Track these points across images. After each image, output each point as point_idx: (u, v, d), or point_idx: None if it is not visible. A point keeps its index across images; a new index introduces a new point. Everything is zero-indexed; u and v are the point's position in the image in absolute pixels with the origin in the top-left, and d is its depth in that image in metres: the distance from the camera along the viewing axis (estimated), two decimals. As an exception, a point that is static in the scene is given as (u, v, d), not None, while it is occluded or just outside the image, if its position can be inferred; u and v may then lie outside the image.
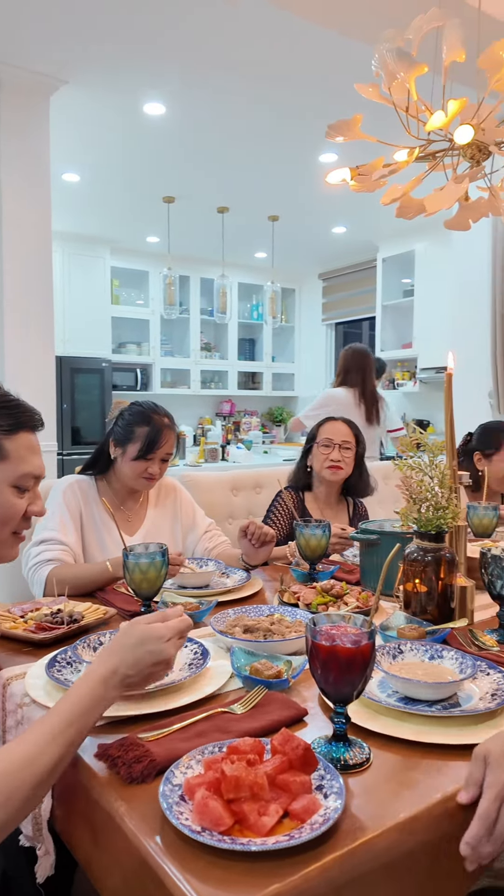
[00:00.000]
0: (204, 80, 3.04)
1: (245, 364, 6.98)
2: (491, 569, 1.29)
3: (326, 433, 2.19)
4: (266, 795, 0.74)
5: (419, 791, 0.79)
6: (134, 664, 0.87)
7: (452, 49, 1.40)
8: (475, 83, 1.60)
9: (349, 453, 2.17)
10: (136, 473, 1.76)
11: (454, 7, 1.95)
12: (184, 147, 3.86)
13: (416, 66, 1.40)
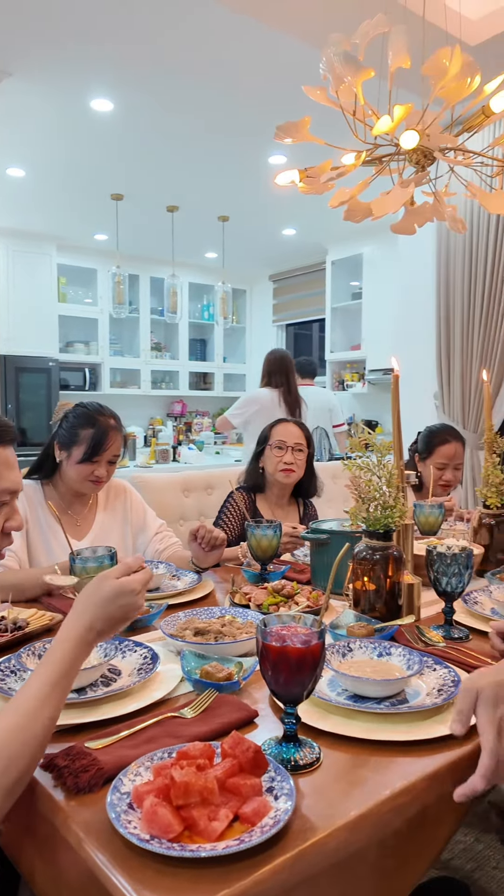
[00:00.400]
0: (152, 77, 3.01)
1: (196, 364, 6.95)
2: (436, 566, 1.32)
3: (279, 435, 2.19)
4: (216, 800, 0.73)
5: (368, 789, 0.79)
6: (108, 619, 0.90)
7: (398, 55, 1.42)
8: (420, 90, 1.64)
9: (301, 455, 2.19)
10: (83, 477, 1.72)
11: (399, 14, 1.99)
12: (132, 144, 3.81)
13: (362, 70, 1.42)
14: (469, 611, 1.43)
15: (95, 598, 0.91)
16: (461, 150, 1.60)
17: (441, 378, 3.63)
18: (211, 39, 2.67)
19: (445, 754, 0.87)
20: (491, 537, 1.78)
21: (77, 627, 0.88)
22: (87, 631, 0.88)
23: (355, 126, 1.57)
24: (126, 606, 0.92)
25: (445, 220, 1.67)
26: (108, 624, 0.91)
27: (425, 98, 1.57)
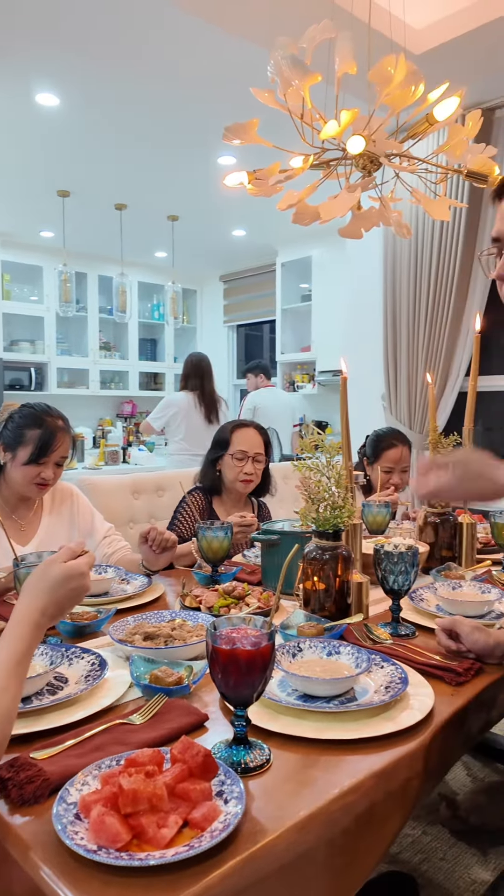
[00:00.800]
0: (99, 74, 2.96)
1: (146, 364, 6.87)
2: (384, 564, 1.34)
3: (240, 444, 2.15)
4: (165, 806, 0.73)
5: (317, 788, 0.80)
6: (58, 602, 0.92)
7: (344, 61, 1.44)
8: (367, 95, 1.66)
9: (261, 465, 2.18)
10: (28, 479, 1.68)
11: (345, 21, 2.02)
12: (79, 140, 3.74)
13: (309, 74, 1.43)
14: (415, 608, 1.45)
15: (45, 584, 0.92)
16: (406, 156, 1.64)
17: (388, 380, 3.69)
18: (159, 37, 2.65)
19: (393, 751, 0.89)
20: (436, 535, 1.83)
21: (31, 612, 0.89)
22: (41, 615, 0.89)
23: (303, 129, 1.58)
24: (76, 589, 0.94)
25: (391, 225, 1.70)
26: (58, 608, 0.93)
27: (371, 104, 1.59)
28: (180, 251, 5.92)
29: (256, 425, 2.24)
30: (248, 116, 1.73)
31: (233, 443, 2.17)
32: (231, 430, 2.20)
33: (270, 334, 6.81)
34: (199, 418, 4.16)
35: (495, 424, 3.94)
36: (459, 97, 1.55)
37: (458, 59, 2.70)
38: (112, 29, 2.60)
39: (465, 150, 1.69)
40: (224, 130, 1.59)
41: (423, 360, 3.47)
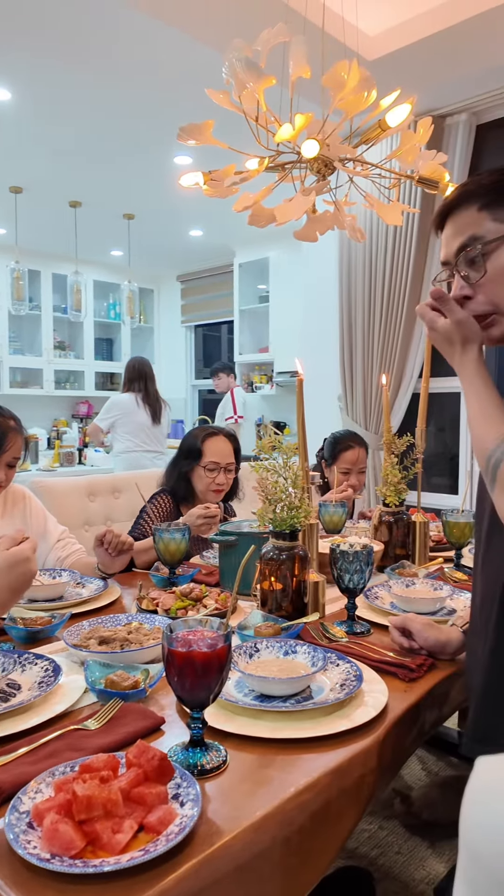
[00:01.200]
0: (53, 69, 2.91)
1: (103, 364, 6.78)
2: (339, 564, 1.36)
3: (212, 455, 2.12)
4: (120, 812, 0.72)
5: (273, 788, 0.80)
6: (8, 589, 0.96)
7: (298, 65, 1.46)
8: (321, 99, 1.68)
9: (232, 474, 2.16)
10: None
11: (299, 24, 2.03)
12: (31, 136, 3.67)
13: (264, 77, 1.44)
14: (371, 605, 1.48)
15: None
16: (359, 161, 1.66)
17: (344, 382, 3.74)
18: (113, 35, 2.62)
19: (348, 748, 0.90)
20: (390, 534, 1.86)
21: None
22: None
23: (258, 132, 1.59)
24: (23, 574, 0.97)
25: (345, 228, 1.72)
26: (8, 594, 0.95)
27: (326, 108, 1.61)
28: (137, 250, 5.87)
29: (226, 433, 2.20)
30: (205, 116, 1.73)
31: (204, 453, 2.12)
32: (202, 439, 2.15)
33: (228, 335, 6.81)
34: (145, 416, 4.42)
35: (447, 425, 4.04)
36: (411, 104, 1.58)
37: (410, 66, 2.76)
38: (65, 25, 2.56)
39: (417, 156, 1.72)
40: (179, 131, 1.58)
41: (378, 363, 3.52)
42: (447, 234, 1.05)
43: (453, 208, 1.04)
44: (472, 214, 1.00)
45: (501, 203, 0.99)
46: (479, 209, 1.00)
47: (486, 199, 1.00)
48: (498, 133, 3.25)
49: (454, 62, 2.76)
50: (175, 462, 2.20)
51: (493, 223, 0.98)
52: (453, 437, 3.82)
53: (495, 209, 0.99)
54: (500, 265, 0.97)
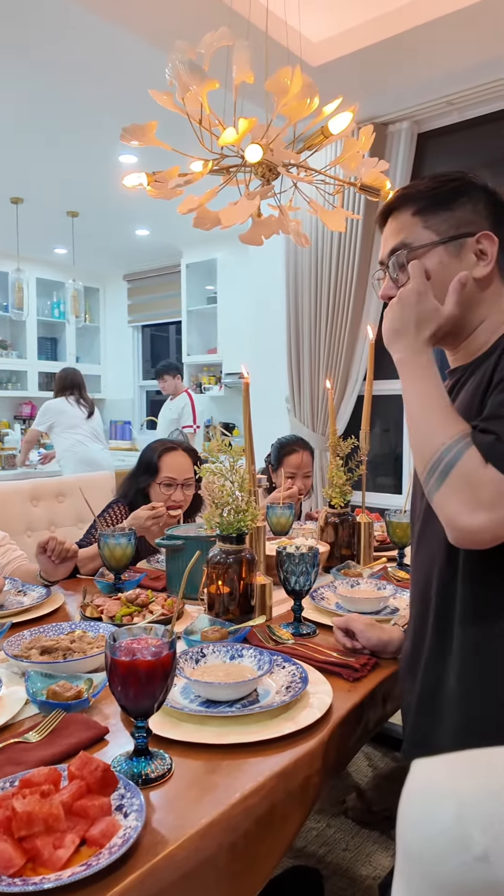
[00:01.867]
0: (-8, 60, 2.83)
1: (46, 364, 6.62)
2: (286, 566, 1.37)
3: (168, 470, 2.04)
4: (62, 826, 0.71)
5: (218, 794, 0.80)
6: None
7: (241, 70, 1.46)
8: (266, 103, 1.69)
9: (191, 490, 2.08)
10: None
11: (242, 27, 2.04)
12: (-29, 129, 3.56)
13: (207, 80, 1.44)
14: (317, 607, 1.49)
15: None
16: (303, 166, 1.68)
17: (292, 383, 3.77)
18: (56, 28, 2.56)
19: (293, 750, 0.91)
20: (336, 535, 1.88)
21: None
22: None
23: (201, 134, 1.58)
24: None
25: (290, 233, 1.74)
26: None
27: (270, 112, 1.62)
28: (81, 248, 5.76)
29: (185, 447, 2.13)
30: (150, 115, 1.71)
31: (161, 469, 2.06)
32: (159, 453, 2.08)
33: (177, 335, 6.76)
34: (80, 413, 4.64)
35: (392, 426, 4.12)
36: (353, 112, 1.61)
37: (354, 73, 2.80)
38: (4, 17, 2.49)
39: (360, 163, 1.75)
40: (122, 131, 1.56)
41: (324, 365, 3.56)
42: (385, 234, 1.08)
43: (392, 210, 1.07)
44: (407, 218, 1.04)
45: (433, 210, 1.02)
46: (413, 214, 1.04)
47: (421, 204, 1.03)
48: (438, 142, 3.34)
49: (396, 71, 2.82)
50: (133, 475, 2.13)
51: (424, 230, 1.02)
52: (398, 437, 3.90)
53: (427, 216, 1.02)
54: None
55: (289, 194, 1.82)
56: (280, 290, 3.80)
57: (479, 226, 1.01)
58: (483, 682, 0.92)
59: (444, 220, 1.01)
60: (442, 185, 1.03)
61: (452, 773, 0.41)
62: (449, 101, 3.06)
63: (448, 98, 3.04)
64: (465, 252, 1.01)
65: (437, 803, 0.40)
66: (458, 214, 1.01)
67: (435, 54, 2.68)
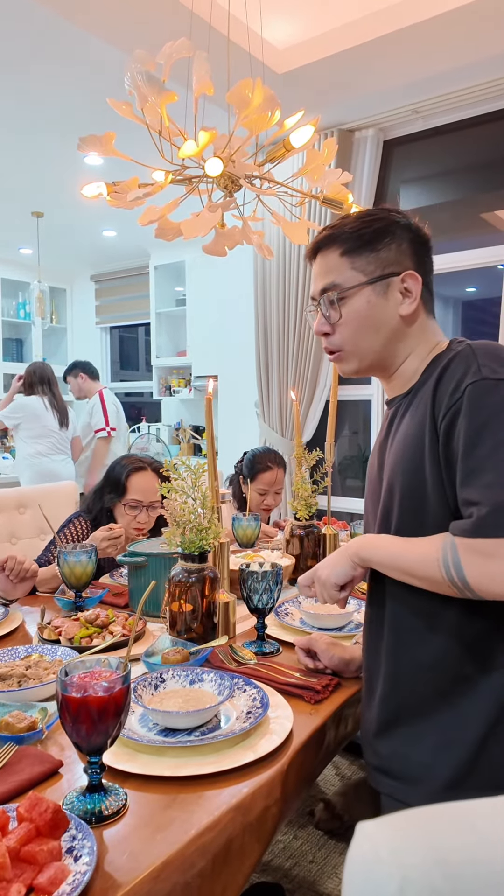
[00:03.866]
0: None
1: (12, 366, 6.50)
2: (249, 583, 1.35)
3: (135, 493, 1.99)
4: (7, 875, 0.68)
5: (173, 831, 0.79)
6: None
7: (201, 82, 1.44)
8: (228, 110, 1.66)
9: (156, 511, 2.03)
10: None
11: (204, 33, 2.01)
12: None
13: (165, 93, 1.41)
14: (281, 623, 1.48)
15: None
16: (266, 178, 1.66)
17: (261, 389, 3.76)
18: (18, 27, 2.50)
19: (251, 781, 0.89)
20: (301, 547, 1.88)
21: None
22: None
23: (161, 145, 1.56)
24: None
25: (253, 244, 1.72)
26: None
27: (233, 118, 1.60)
28: (47, 248, 5.67)
29: (155, 466, 2.06)
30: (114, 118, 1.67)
31: (128, 489, 2.00)
32: (127, 474, 2.02)
33: (146, 337, 6.69)
34: (53, 422, 4.27)
35: (360, 428, 4.15)
36: (314, 126, 1.60)
37: (319, 81, 2.80)
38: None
39: (323, 174, 1.74)
40: (79, 141, 1.53)
41: (293, 372, 3.56)
42: (315, 271, 1.11)
43: (321, 248, 1.10)
44: (335, 259, 1.07)
45: (358, 252, 1.05)
46: (340, 254, 1.06)
47: (347, 245, 1.06)
48: (403, 149, 3.36)
49: (362, 79, 2.82)
50: (99, 491, 2.07)
51: (351, 271, 1.05)
52: (366, 439, 3.93)
53: (353, 257, 1.05)
54: (352, 311, 1.05)
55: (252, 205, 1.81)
56: (248, 293, 3.78)
57: (404, 265, 1.05)
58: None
59: (370, 261, 1.04)
60: (367, 225, 1.05)
61: (397, 842, 0.40)
62: (415, 109, 3.08)
63: (414, 106, 3.06)
64: (391, 291, 1.04)
65: (381, 876, 0.39)
66: (384, 255, 1.04)
67: (400, 63, 2.69)
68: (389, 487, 1.03)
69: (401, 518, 1.00)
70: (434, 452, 0.94)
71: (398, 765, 0.99)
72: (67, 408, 4.43)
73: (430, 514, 0.95)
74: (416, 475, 0.97)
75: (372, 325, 1.05)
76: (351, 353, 1.08)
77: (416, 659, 0.98)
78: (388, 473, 1.04)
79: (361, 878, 0.40)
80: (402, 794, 0.98)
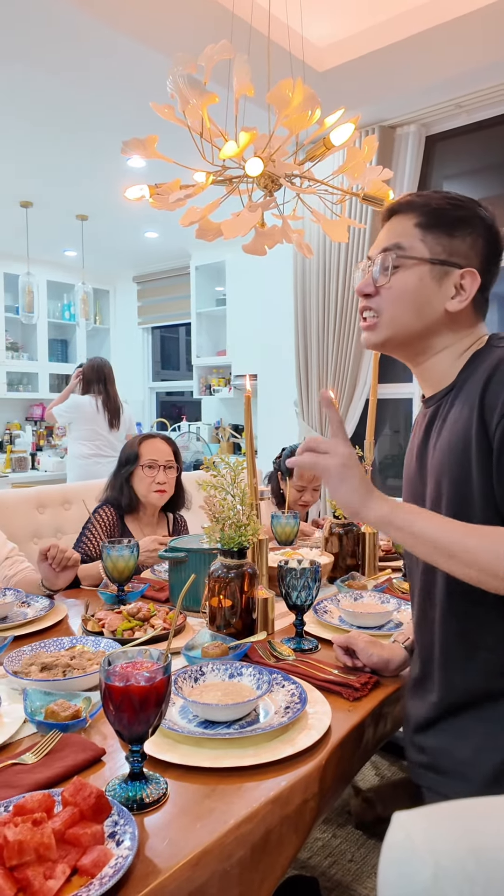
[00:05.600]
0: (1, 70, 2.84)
1: (57, 366, 6.66)
2: (287, 580, 1.36)
3: (149, 454, 2.12)
4: (53, 856, 0.71)
5: (212, 820, 0.80)
6: None
7: (241, 83, 1.45)
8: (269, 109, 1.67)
9: (172, 473, 2.15)
10: None
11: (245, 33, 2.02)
12: (-20, 135, 3.58)
13: (206, 95, 1.43)
14: (319, 621, 1.49)
15: None
16: (306, 177, 1.67)
17: (300, 387, 3.76)
18: (64, 36, 2.57)
19: (290, 774, 0.90)
20: (340, 545, 1.87)
21: None
22: None
23: (202, 146, 1.57)
24: None
25: (293, 243, 1.73)
26: None
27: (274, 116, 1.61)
28: (91, 251, 5.78)
29: (164, 436, 2.21)
30: (156, 121, 1.70)
31: (142, 454, 2.13)
32: (139, 443, 2.16)
33: (187, 336, 6.76)
34: (103, 423, 4.25)
35: (401, 427, 4.11)
36: (354, 123, 1.59)
37: (360, 78, 2.78)
38: (13, 26, 2.49)
39: (364, 171, 1.74)
40: (122, 145, 1.56)
41: (332, 369, 3.55)
42: (384, 230, 1.08)
43: (397, 211, 1.06)
44: (409, 226, 1.03)
45: (433, 229, 1.02)
46: (415, 224, 1.03)
47: (426, 218, 1.02)
48: (446, 144, 3.31)
49: (404, 75, 2.79)
50: (115, 472, 2.19)
51: (419, 243, 1.02)
52: (407, 438, 3.88)
53: (426, 231, 1.02)
54: (401, 282, 1.01)
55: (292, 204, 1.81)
56: (289, 290, 3.78)
57: (470, 261, 1.01)
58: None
59: (440, 242, 1.01)
60: (452, 208, 1.02)
61: (431, 831, 0.41)
62: (457, 104, 3.03)
63: (456, 100, 3.01)
64: (446, 281, 1.01)
65: (415, 863, 0.39)
66: (456, 243, 1.01)
67: (443, 57, 2.65)
68: (435, 495, 1.00)
69: None
70: (483, 461, 0.91)
71: (441, 760, 0.99)
72: (121, 408, 4.37)
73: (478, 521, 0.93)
74: (464, 485, 0.94)
75: (415, 305, 1.01)
76: (385, 323, 1.04)
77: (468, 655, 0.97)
78: (432, 479, 1.02)
79: (396, 865, 0.41)
80: (443, 787, 0.97)
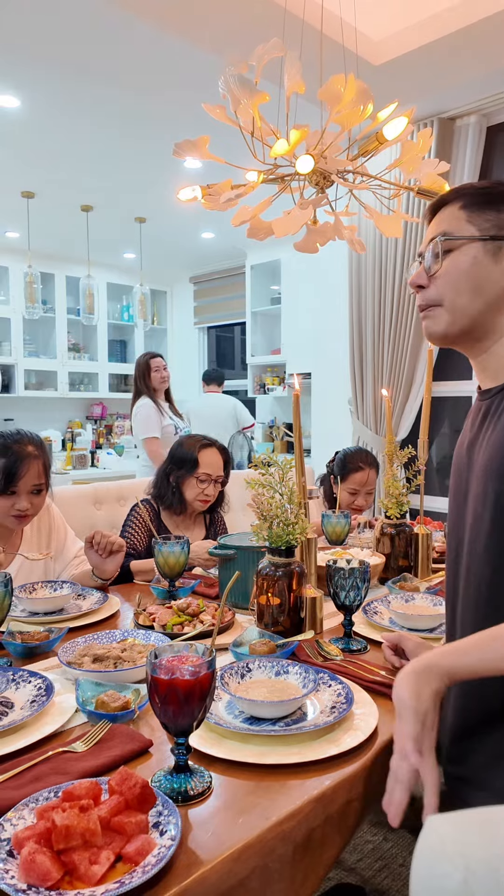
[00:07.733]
0: (60, 77, 2.93)
1: (116, 366, 6.81)
2: (336, 580, 1.35)
3: (206, 467, 2.14)
4: (98, 842, 0.72)
5: (255, 816, 0.80)
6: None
7: (293, 81, 1.44)
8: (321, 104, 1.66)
9: (219, 486, 2.20)
10: (2, 511, 1.65)
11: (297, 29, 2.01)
12: (42, 142, 3.70)
13: (257, 94, 1.43)
14: (368, 622, 1.47)
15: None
16: (358, 173, 1.65)
17: (354, 386, 3.72)
18: (121, 43, 2.62)
19: (334, 774, 0.90)
20: (392, 546, 1.85)
21: None
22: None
23: (254, 145, 1.58)
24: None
25: (345, 239, 1.71)
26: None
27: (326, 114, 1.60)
28: (149, 253, 5.89)
29: (219, 445, 2.22)
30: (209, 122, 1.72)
31: (200, 464, 2.14)
32: (198, 449, 2.17)
33: (242, 336, 6.80)
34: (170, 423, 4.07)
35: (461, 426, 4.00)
36: (407, 117, 1.56)
37: (417, 70, 2.73)
38: (73, 34, 2.57)
39: (419, 165, 1.70)
40: (174, 147, 1.58)
41: (388, 367, 3.50)
42: (430, 227, 1.06)
43: (442, 205, 1.05)
44: (454, 212, 1.02)
45: (480, 208, 0.99)
46: (460, 207, 1.01)
47: (470, 199, 1.01)
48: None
49: (462, 65, 2.72)
50: (167, 471, 2.20)
51: (467, 224, 1.00)
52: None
53: (474, 211, 1.00)
54: (454, 264, 0.99)
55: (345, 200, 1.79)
56: (344, 289, 3.75)
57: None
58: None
59: (490, 218, 0.98)
60: (496, 186, 1.00)
61: (463, 835, 0.40)
62: (520, 92, 2.93)
63: (519, 89, 2.92)
64: (501, 256, 0.98)
65: (446, 866, 0.39)
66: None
67: (501, 46, 2.57)
68: (482, 493, 0.97)
69: (493, 527, 0.93)
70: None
71: (467, 769, 0.97)
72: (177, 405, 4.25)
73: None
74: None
75: (472, 285, 0.98)
76: (445, 309, 1.01)
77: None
78: (479, 476, 0.99)
79: (427, 869, 0.40)
80: (467, 796, 0.95)
